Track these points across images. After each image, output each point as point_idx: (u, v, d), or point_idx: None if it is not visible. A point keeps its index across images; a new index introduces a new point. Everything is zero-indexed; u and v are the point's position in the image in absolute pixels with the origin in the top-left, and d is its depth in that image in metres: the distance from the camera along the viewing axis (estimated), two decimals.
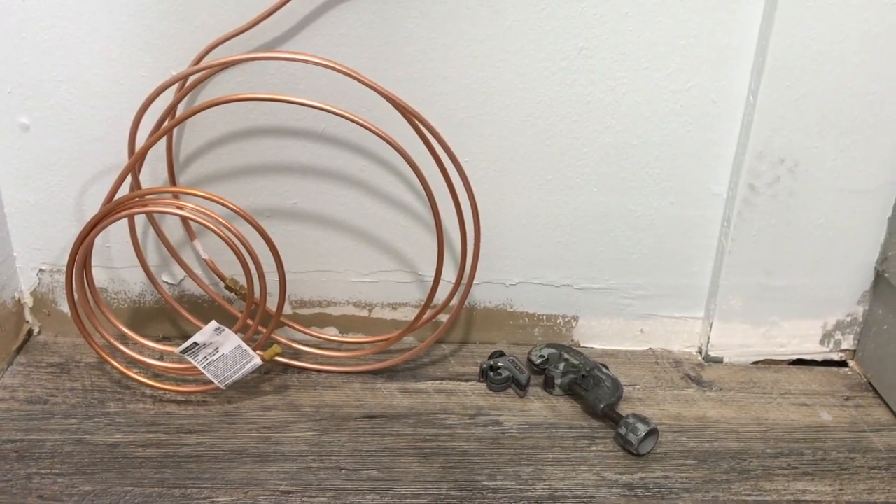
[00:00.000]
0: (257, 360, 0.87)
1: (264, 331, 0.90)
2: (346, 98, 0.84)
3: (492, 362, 0.95)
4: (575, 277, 1.00)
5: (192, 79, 0.84)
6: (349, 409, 0.90)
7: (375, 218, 0.96)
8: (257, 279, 0.84)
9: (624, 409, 0.90)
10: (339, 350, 0.98)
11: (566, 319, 1.03)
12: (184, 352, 0.86)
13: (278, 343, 0.95)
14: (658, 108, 0.90)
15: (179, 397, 0.90)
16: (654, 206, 0.96)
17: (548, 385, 0.94)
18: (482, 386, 0.95)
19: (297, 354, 0.97)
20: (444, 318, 0.96)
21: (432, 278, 0.91)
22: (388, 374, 0.96)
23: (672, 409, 0.93)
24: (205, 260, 0.95)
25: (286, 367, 0.96)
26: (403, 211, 0.95)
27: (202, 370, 0.86)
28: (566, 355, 0.96)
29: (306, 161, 0.92)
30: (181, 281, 0.99)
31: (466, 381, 0.96)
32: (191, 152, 0.91)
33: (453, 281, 0.93)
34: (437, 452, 0.84)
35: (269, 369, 0.95)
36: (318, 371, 0.96)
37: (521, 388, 0.93)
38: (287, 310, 0.99)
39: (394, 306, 1.01)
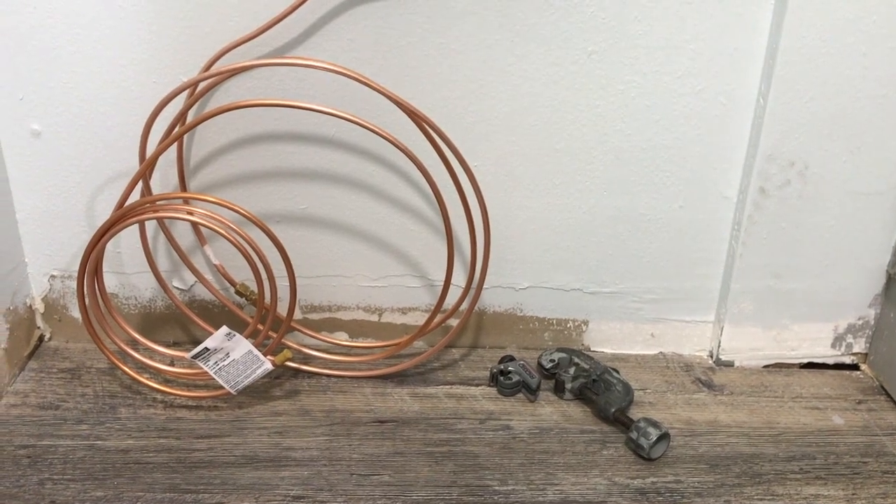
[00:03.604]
0: (268, 365, 0.87)
1: (275, 336, 0.90)
2: (355, 103, 0.84)
3: (502, 367, 0.95)
4: (585, 281, 1.00)
5: (202, 85, 0.85)
6: (360, 414, 0.90)
7: (385, 222, 0.96)
8: (268, 284, 0.84)
9: (635, 413, 0.90)
10: (350, 355, 0.99)
11: (576, 323, 1.03)
12: (195, 357, 0.86)
13: (289, 348, 0.95)
14: (667, 112, 0.90)
15: (190, 402, 0.90)
16: (664, 210, 0.96)
17: (558, 389, 0.94)
18: (492, 390, 0.95)
19: (308, 359, 0.98)
20: (454, 322, 0.97)
21: (442, 282, 0.91)
22: (398, 378, 0.96)
23: (683, 413, 0.93)
24: (215, 265, 0.96)
25: (297, 372, 0.96)
26: (413, 215, 0.95)
27: (213, 375, 0.87)
28: (576, 359, 0.96)
29: (316, 166, 0.92)
30: (192, 286, 0.99)
31: (477, 385, 0.96)
32: (201, 158, 0.92)
33: (463, 285, 0.93)
34: (447, 457, 0.84)
35: (280, 374, 0.95)
36: (329, 376, 0.96)
37: (532, 392, 0.93)
38: (297, 314, 1.00)
39: (403, 311, 1.01)
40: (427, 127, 0.81)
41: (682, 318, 1.03)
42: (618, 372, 0.95)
